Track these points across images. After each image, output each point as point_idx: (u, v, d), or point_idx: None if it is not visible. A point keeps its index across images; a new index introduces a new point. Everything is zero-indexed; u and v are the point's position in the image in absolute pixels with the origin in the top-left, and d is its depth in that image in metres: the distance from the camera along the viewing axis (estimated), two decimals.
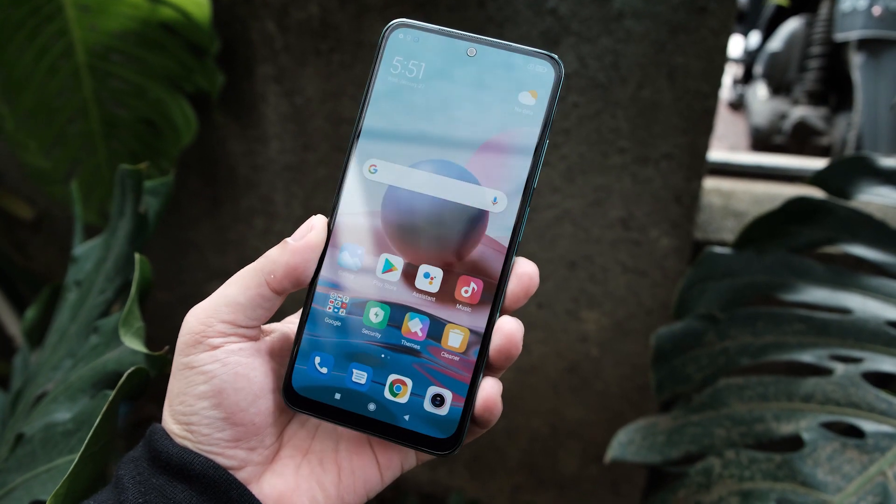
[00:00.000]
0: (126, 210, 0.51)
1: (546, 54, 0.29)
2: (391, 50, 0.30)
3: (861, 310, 0.57)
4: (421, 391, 0.28)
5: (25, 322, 0.66)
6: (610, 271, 0.80)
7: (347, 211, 0.29)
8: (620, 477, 0.96)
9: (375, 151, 0.29)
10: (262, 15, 0.74)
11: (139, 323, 0.41)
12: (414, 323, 0.29)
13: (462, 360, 0.28)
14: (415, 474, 1.06)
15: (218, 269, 0.94)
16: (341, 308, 0.29)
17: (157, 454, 0.27)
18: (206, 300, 0.28)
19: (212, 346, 0.27)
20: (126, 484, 0.27)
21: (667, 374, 0.58)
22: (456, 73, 0.29)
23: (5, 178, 0.94)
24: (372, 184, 0.29)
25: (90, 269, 0.55)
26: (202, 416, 0.27)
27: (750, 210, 0.84)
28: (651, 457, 0.54)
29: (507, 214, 0.29)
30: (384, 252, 0.29)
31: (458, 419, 0.28)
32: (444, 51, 0.29)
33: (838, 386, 0.52)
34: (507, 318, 0.28)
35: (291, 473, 0.29)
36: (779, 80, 2.23)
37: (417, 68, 0.29)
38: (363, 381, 0.29)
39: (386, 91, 0.29)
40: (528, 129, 0.29)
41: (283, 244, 0.28)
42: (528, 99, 0.29)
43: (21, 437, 0.47)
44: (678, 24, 0.65)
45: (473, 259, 0.29)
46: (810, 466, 0.48)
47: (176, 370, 0.28)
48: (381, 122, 0.29)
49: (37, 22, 0.66)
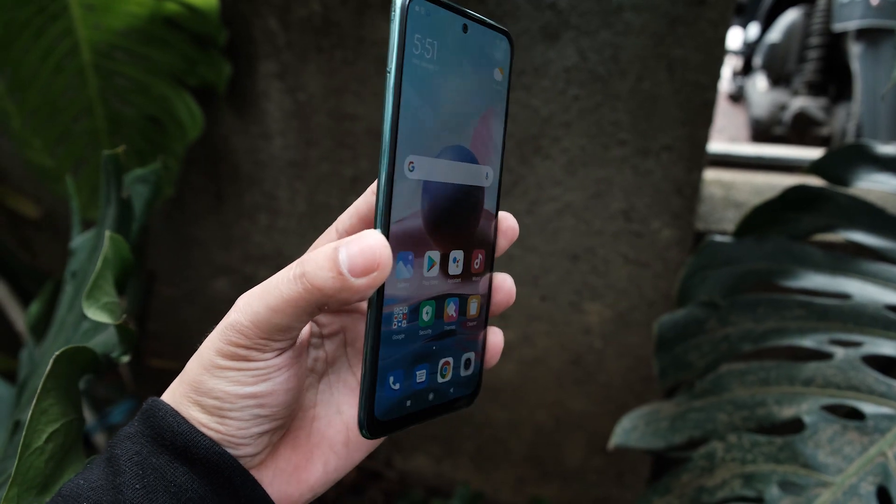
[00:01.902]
0: (111, 197, 0.51)
1: (504, 30, 0.30)
2: (412, 26, 0.26)
3: (860, 294, 0.57)
4: (458, 363, 0.31)
5: (29, 316, 0.67)
6: (612, 263, 0.81)
7: (398, 218, 0.26)
8: (625, 468, 0.96)
9: (411, 146, 0.26)
10: (265, 12, 0.74)
11: (108, 298, 0.40)
12: (450, 307, 0.30)
13: (477, 322, 0.31)
14: (420, 468, 1.06)
15: (222, 265, 0.95)
16: (403, 320, 0.27)
17: (161, 431, 0.25)
18: (250, 317, 0.25)
19: (261, 358, 0.26)
20: (122, 464, 0.25)
21: (670, 362, 0.59)
22: (458, 52, 0.28)
23: (10, 177, 0.95)
24: (412, 182, 0.26)
25: (84, 260, 0.55)
26: (246, 413, 0.26)
27: (750, 200, 0.84)
28: (654, 442, 0.55)
29: (493, 186, 0.30)
30: (427, 250, 0.28)
31: (478, 372, 0.32)
32: (447, 26, 0.27)
33: (838, 370, 0.53)
34: (503, 275, 0.32)
35: (304, 443, 0.29)
36: (778, 71, 2.23)
37: (432, 48, 0.27)
38: (423, 379, 0.29)
39: (412, 76, 0.26)
40: (500, 104, 0.30)
41: (341, 279, 0.24)
42: (498, 75, 0.30)
43: (18, 423, 0.47)
44: (677, 17, 0.66)
45: (479, 233, 0.30)
46: (811, 448, 0.48)
47: (213, 368, 0.25)
48: (412, 111, 0.26)
49: (42, 21, 0.67)
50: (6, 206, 0.95)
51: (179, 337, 0.97)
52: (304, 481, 0.29)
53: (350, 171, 0.82)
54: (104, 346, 0.42)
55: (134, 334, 0.39)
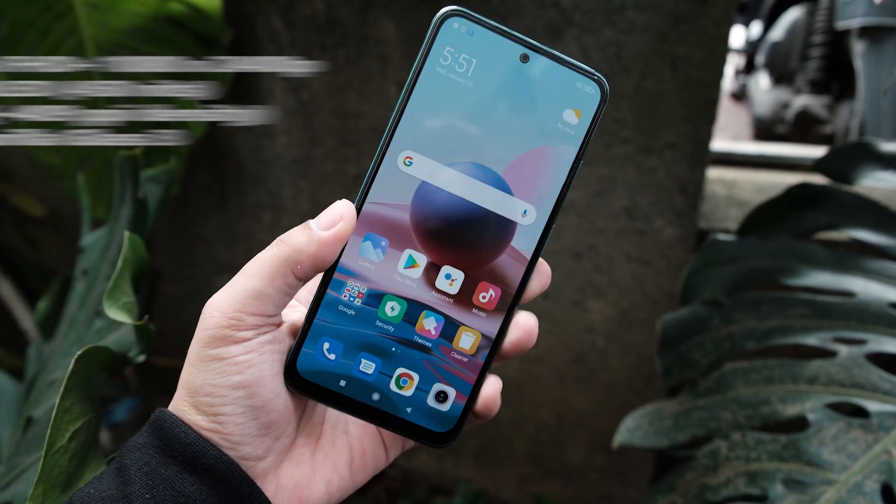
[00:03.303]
0: (126, 197, 0.52)
1: (595, 74, 0.29)
2: (443, 39, 0.28)
3: (864, 292, 0.57)
4: (426, 387, 0.29)
5: (38, 314, 0.67)
6: (615, 261, 0.81)
7: (376, 200, 0.28)
8: (628, 466, 0.97)
9: (413, 143, 0.28)
10: (268, 11, 0.74)
11: (127, 298, 0.41)
12: (429, 321, 0.29)
13: (470, 361, 0.29)
14: (422, 466, 1.07)
15: (226, 263, 0.95)
16: (357, 297, 0.28)
17: (169, 442, 0.26)
18: (227, 291, 0.27)
19: (244, 339, 0.26)
20: (132, 474, 0.25)
21: (673, 360, 0.59)
22: (506, 77, 0.28)
23: (15, 176, 0.95)
24: (405, 176, 0.28)
25: (96, 258, 0.56)
26: (236, 407, 0.26)
27: (753, 199, 0.84)
28: (658, 441, 0.55)
29: (534, 228, 0.29)
30: (408, 248, 0.28)
31: (458, 415, 0.29)
32: (497, 51, 0.28)
33: (842, 367, 0.53)
34: (526, 314, 0.29)
35: (308, 460, 0.29)
36: (781, 69, 2.23)
37: (468, 64, 0.28)
38: (370, 372, 0.29)
39: (432, 82, 0.28)
40: (567, 148, 0.28)
41: (308, 232, 0.27)
42: (572, 117, 0.28)
43: (30, 420, 0.48)
44: (680, 15, 0.66)
45: (496, 267, 0.29)
46: (816, 446, 0.48)
47: (199, 362, 0.26)
48: (423, 113, 0.28)
49: (48, 20, 0.67)
50: (11, 204, 0.96)
51: (183, 335, 0.97)
52: (306, 499, 0.28)
53: (354, 169, 0.82)
54: (118, 344, 0.42)
55: (153, 334, 0.39)
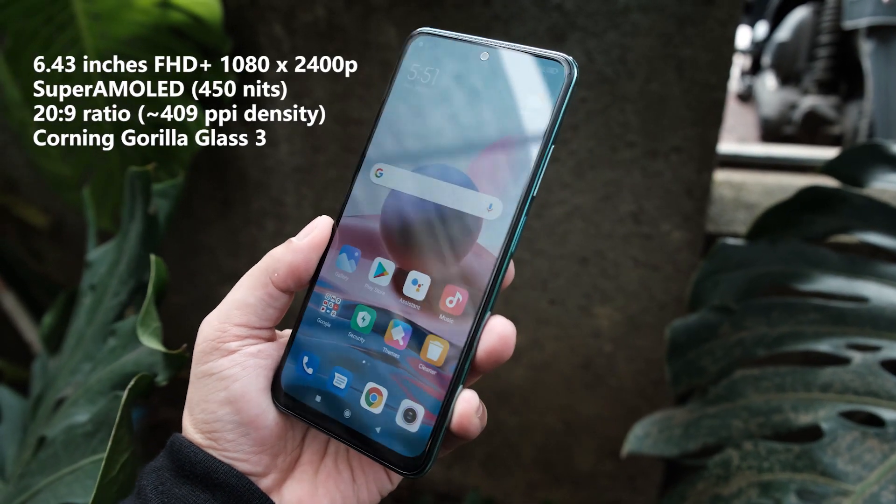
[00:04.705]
0: (136, 212, 0.52)
1: (558, 55, 0.27)
2: (410, 58, 0.30)
3: (877, 298, 0.56)
4: (395, 403, 0.27)
5: (43, 328, 0.67)
6: (622, 266, 0.80)
7: (351, 213, 0.29)
8: (637, 472, 0.96)
9: (384, 156, 0.29)
10: (270, 18, 0.74)
11: (156, 323, 0.42)
12: (397, 331, 0.27)
13: (438, 374, 0.26)
14: (430, 474, 1.06)
15: (230, 272, 0.95)
16: (333, 310, 0.29)
17: (181, 463, 0.27)
18: (219, 306, 0.28)
19: (229, 351, 0.27)
20: (149, 495, 0.26)
21: (682, 367, 0.58)
22: (467, 78, 0.29)
23: (20, 187, 0.95)
24: (377, 187, 0.29)
25: (104, 273, 0.56)
26: (225, 423, 0.27)
27: (761, 201, 0.83)
28: (668, 450, 0.54)
29: (501, 222, 0.27)
30: (378, 256, 0.28)
31: (427, 438, 0.26)
32: (458, 56, 0.29)
33: (856, 375, 0.52)
34: (500, 318, 0.26)
35: (310, 479, 0.29)
36: (787, 69, 2.21)
37: (432, 74, 0.29)
38: (343, 386, 0.28)
39: (400, 97, 0.29)
40: (531, 133, 0.27)
41: (288, 243, 0.28)
42: (535, 102, 0.27)
43: (43, 440, 0.47)
44: (685, 17, 0.65)
45: (462, 268, 0.27)
46: (830, 456, 0.47)
47: (194, 379, 0.27)
48: (393, 126, 0.29)
49: (50, 31, 0.67)
50: (15, 216, 0.96)
51: (188, 344, 0.96)
52: None
53: None
54: (136, 365, 0.43)
55: (185, 360, 0.39)
